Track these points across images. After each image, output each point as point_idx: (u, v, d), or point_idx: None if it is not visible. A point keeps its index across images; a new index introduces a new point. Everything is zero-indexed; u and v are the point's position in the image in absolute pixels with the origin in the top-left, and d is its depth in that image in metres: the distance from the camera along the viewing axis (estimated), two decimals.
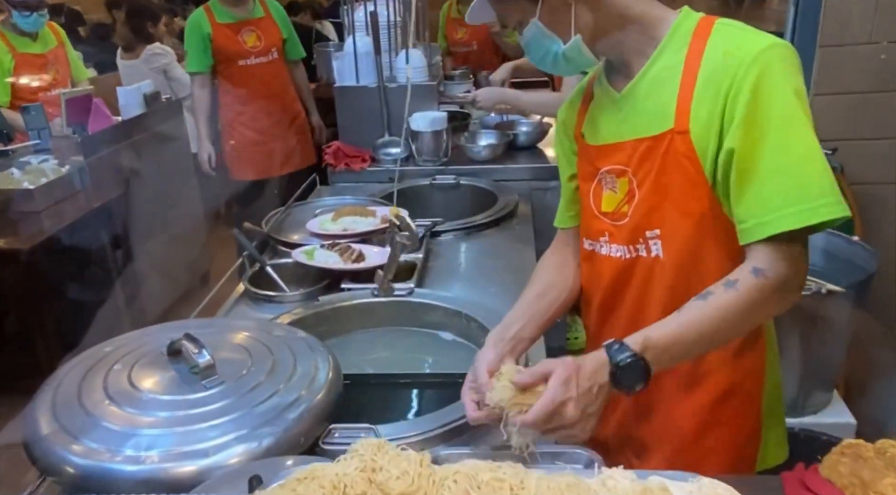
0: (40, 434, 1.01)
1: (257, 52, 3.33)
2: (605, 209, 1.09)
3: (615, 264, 1.09)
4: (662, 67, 1.01)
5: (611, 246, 1.09)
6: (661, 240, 1.03)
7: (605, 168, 1.08)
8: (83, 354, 1.22)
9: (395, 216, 0.87)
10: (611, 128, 1.08)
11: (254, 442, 1.00)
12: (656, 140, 1.00)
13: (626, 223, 1.06)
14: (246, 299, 1.68)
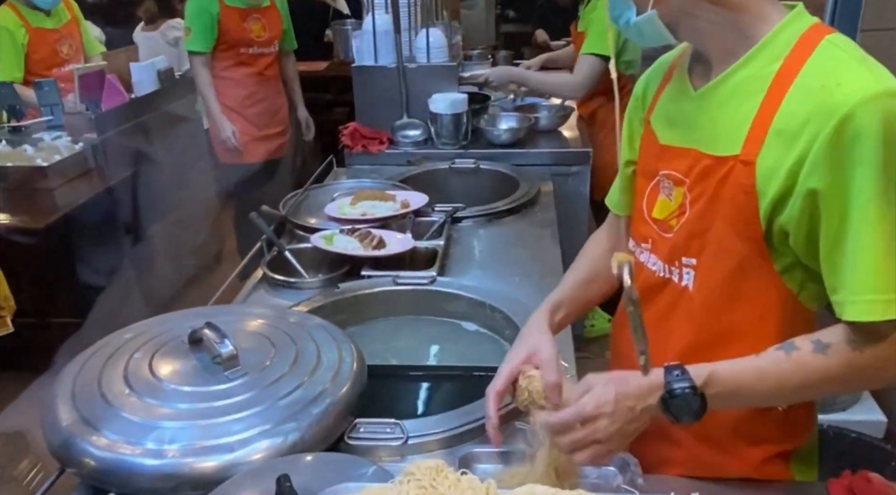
0: (60, 425, 0.99)
1: (261, 42, 3.21)
2: (656, 215, 1.00)
3: (647, 277, 1.02)
4: (749, 76, 0.88)
5: (650, 255, 1.02)
6: (695, 272, 0.95)
7: (664, 171, 0.99)
8: (102, 341, 1.19)
9: (618, 265, 0.79)
10: (679, 128, 0.98)
11: (279, 437, 0.98)
12: (718, 162, 0.89)
13: (670, 238, 0.98)
14: (264, 284, 1.65)
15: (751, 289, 0.91)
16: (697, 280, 0.95)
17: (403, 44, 2.57)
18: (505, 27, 6.83)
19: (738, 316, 0.92)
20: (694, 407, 0.81)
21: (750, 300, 0.92)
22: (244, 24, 3.14)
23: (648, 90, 1.09)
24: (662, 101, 1.04)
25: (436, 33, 2.63)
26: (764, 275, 0.90)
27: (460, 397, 1.23)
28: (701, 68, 0.96)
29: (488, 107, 2.90)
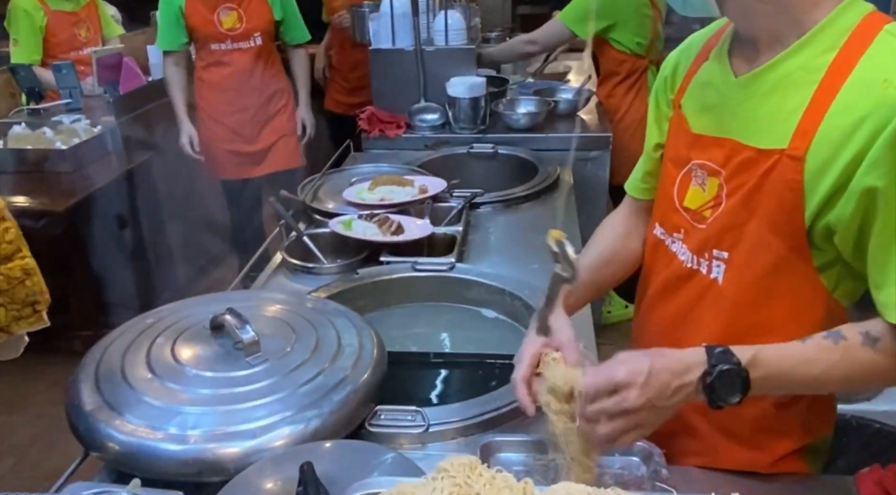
0: (84, 409, 1.00)
1: (235, 36, 2.75)
2: (688, 204, 0.98)
3: (677, 267, 1.00)
4: (799, 66, 0.84)
5: (682, 245, 0.99)
6: (726, 266, 0.92)
7: (697, 160, 0.96)
8: (124, 326, 1.19)
9: (555, 241, 0.77)
10: (715, 116, 0.94)
11: (300, 424, 0.98)
12: (761, 154, 0.86)
13: (703, 229, 0.95)
14: (283, 269, 1.65)
15: (785, 285, 0.89)
16: (728, 273, 0.92)
17: (421, 26, 2.54)
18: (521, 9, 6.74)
19: (771, 311, 0.90)
20: (736, 388, 0.79)
21: (784, 296, 0.89)
22: (212, 17, 2.70)
23: (678, 71, 1.05)
24: (695, 85, 1.00)
25: (454, 15, 2.60)
26: (800, 271, 0.88)
27: (480, 385, 1.22)
28: (744, 53, 0.91)
29: (507, 90, 2.87)
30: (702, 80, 0.98)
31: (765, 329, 0.90)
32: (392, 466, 0.94)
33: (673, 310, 1.01)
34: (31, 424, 2.57)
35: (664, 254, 1.03)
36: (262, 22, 2.79)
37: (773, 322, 0.90)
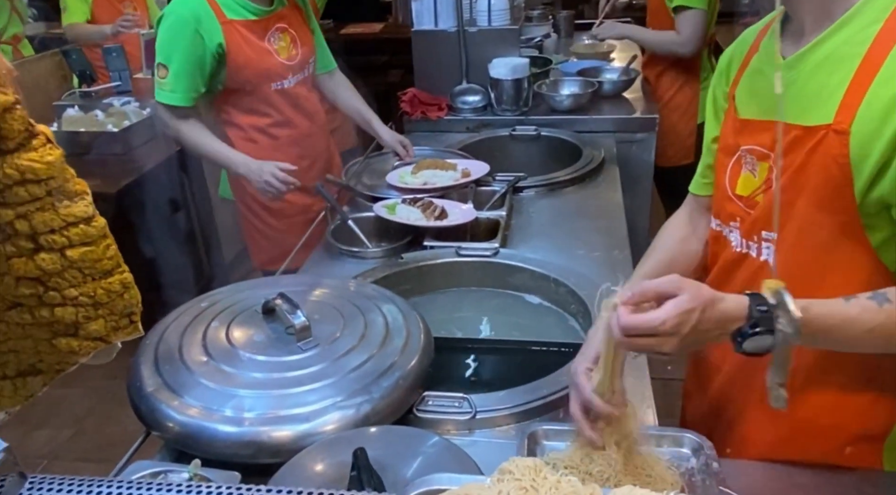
0: (145, 390, 1.04)
1: (295, 66, 1.96)
2: (740, 192, 0.98)
3: (729, 253, 1.00)
4: (844, 41, 0.83)
5: (738, 233, 0.99)
6: (776, 247, 0.91)
7: (746, 146, 0.96)
8: (180, 309, 1.23)
9: (771, 292, 0.77)
10: (763, 100, 0.95)
11: (350, 409, 1.00)
12: (807, 132, 0.86)
13: (755, 213, 0.95)
14: (328, 253, 1.67)
15: (840, 263, 0.88)
16: (779, 254, 0.92)
17: (464, 6, 2.51)
18: None
19: (826, 291, 0.88)
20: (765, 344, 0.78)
21: (838, 275, 0.89)
22: (266, 45, 1.88)
23: (733, 64, 1.05)
24: (747, 74, 1.00)
25: None
26: (855, 249, 0.87)
27: (525, 372, 1.23)
28: (791, 36, 0.92)
29: (550, 71, 2.83)
30: (753, 68, 0.99)
31: None
32: (435, 448, 0.95)
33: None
34: (86, 397, 2.68)
35: (722, 245, 1.03)
36: (308, 39, 2.03)
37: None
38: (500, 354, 1.36)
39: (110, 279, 0.52)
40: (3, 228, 0.51)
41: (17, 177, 0.50)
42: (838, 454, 0.95)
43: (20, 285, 0.51)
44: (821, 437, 0.96)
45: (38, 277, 0.51)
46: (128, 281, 0.54)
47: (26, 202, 0.49)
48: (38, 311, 0.52)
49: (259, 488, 0.68)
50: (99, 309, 0.53)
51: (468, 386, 1.27)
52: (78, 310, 0.52)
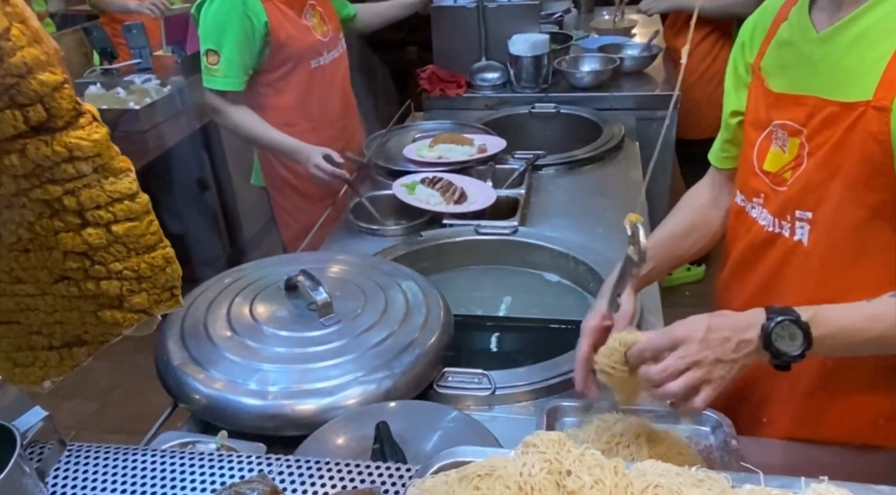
0: (172, 363, 1.06)
1: (329, 42, 1.97)
2: (767, 168, 0.96)
3: (758, 233, 0.98)
4: (883, 15, 0.81)
5: (762, 210, 0.98)
6: (811, 226, 0.90)
7: (778, 121, 0.94)
8: (205, 285, 1.26)
9: (630, 224, 0.78)
10: (796, 74, 0.92)
11: (372, 384, 1.02)
12: (845, 108, 0.84)
13: (783, 191, 0.94)
14: (348, 230, 1.69)
15: (878, 243, 0.87)
16: (814, 234, 0.91)
17: None
18: None
19: (863, 271, 0.88)
20: (797, 339, 0.78)
21: (876, 255, 0.87)
22: (303, 22, 1.91)
23: (756, 35, 1.03)
24: (774, 45, 0.97)
25: None
26: (892, 230, 0.85)
27: (544, 349, 1.24)
28: (825, 8, 0.89)
29: (570, 48, 2.79)
30: (781, 39, 0.96)
31: (857, 289, 0.87)
32: (461, 427, 0.97)
33: (758, 277, 1.00)
34: (112, 371, 2.74)
35: (745, 222, 1.02)
36: (335, 19, 2.05)
37: (866, 282, 0.87)
38: (520, 332, 1.37)
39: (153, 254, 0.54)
40: (52, 204, 0.52)
41: (66, 155, 0.52)
42: (867, 433, 0.95)
43: (67, 259, 0.53)
44: (850, 417, 0.96)
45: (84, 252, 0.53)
46: (170, 255, 0.56)
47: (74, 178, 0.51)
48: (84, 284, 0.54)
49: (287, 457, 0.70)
50: (142, 282, 0.55)
51: (488, 364, 1.28)
52: (122, 283, 0.54)
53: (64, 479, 0.70)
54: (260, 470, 0.74)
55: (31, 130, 0.50)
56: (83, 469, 0.72)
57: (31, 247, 0.52)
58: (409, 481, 0.58)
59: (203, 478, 0.72)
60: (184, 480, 0.71)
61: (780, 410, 1.01)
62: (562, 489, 0.48)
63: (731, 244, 1.08)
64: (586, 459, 0.50)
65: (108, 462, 0.73)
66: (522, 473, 0.50)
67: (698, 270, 2.99)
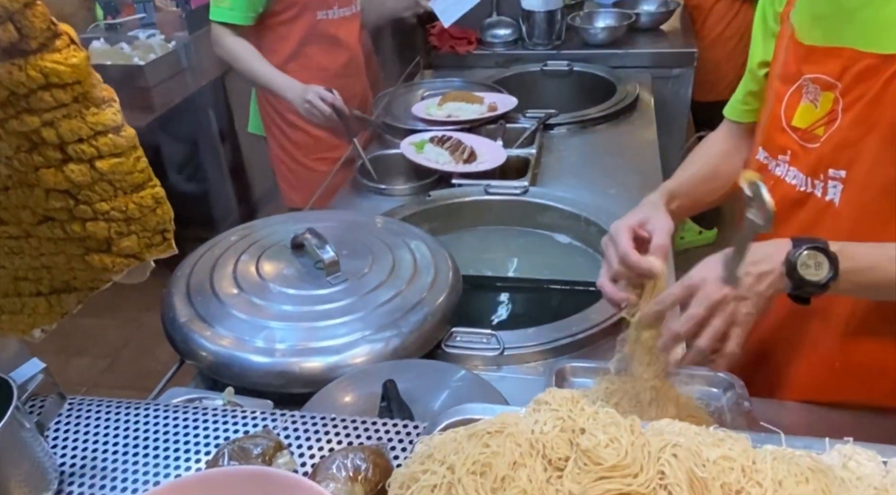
0: (178, 320, 1.05)
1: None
2: (797, 123, 0.92)
3: (786, 192, 0.94)
4: None
5: (789, 168, 0.94)
6: (844, 186, 0.87)
7: (809, 75, 0.90)
8: (211, 242, 1.24)
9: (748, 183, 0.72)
10: (830, 25, 0.88)
11: (379, 343, 1.01)
12: (883, 61, 0.80)
13: (815, 148, 0.89)
14: (355, 189, 1.66)
15: None
16: (846, 194, 0.87)
17: None
18: None
19: (893, 233, 0.84)
20: (823, 271, 0.75)
21: None
22: None
23: None
24: None
25: None
26: None
27: (553, 310, 1.23)
28: None
29: (584, 3, 2.71)
30: None
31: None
32: (469, 386, 0.96)
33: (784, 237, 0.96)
34: (121, 328, 2.77)
35: (767, 181, 0.97)
36: None
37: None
38: (529, 293, 1.36)
39: (142, 193, 0.51)
40: (30, 137, 0.48)
41: (42, 81, 0.48)
42: (888, 396, 0.93)
43: (50, 198, 0.49)
44: (871, 381, 0.94)
45: (67, 190, 0.50)
46: (159, 195, 0.53)
47: (52, 108, 0.47)
48: (69, 226, 0.51)
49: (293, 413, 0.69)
50: (131, 224, 0.52)
51: (498, 325, 1.27)
52: (110, 225, 0.51)
53: (65, 433, 0.70)
54: (265, 425, 0.73)
55: (2, 53, 0.46)
56: (85, 422, 0.71)
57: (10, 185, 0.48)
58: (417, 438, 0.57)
59: (207, 433, 0.72)
60: (187, 435, 0.71)
61: (797, 373, 0.99)
62: (575, 447, 0.47)
63: None
64: (601, 417, 0.48)
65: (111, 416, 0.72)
66: (534, 430, 0.49)
67: (710, 234, 2.96)
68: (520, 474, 0.47)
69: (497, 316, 1.31)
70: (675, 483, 0.45)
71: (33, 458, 0.60)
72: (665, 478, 0.46)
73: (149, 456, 0.68)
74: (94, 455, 0.66)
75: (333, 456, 0.60)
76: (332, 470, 0.57)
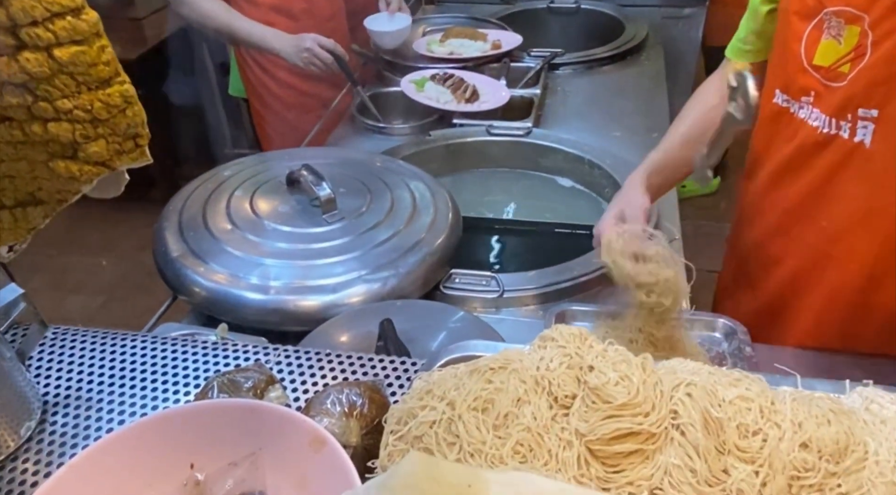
0: (170, 255, 1.03)
1: None
2: (819, 61, 0.86)
3: (808, 134, 0.90)
4: None
5: (812, 110, 0.88)
6: (876, 126, 0.81)
7: (832, 7, 0.83)
8: (203, 176, 1.20)
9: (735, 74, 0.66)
10: None
11: (377, 282, 0.98)
12: None
13: (841, 86, 0.84)
14: (353, 128, 1.61)
15: None
16: (878, 134, 0.82)
17: None
18: None
19: None
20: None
21: None
22: None
23: None
24: None
25: None
26: None
27: (555, 254, 1.20)
28: None
29: None
30: None
31: None
32: (467, 327, 0.94)
33: (805, 183, 0.91)
34: (116, 267, 2.75)
35: (789, 124, 0.93)
36: None
37: None
38: (530, 236, 1.33)
39: (108, 90, 0.47)
40: None
41: None
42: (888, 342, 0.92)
43: (5, 93, 0.44)
44: (888, 329, 0.91)
45: (24, 83, 0.45)
46: (129, 93, 0.49)
47: None
48: (28, 126, 0.47)
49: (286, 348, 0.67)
50: (98, 126, 0.47)
51: (498, 268, 1.25)
52: (74, 126, 0.46)
53: (49, 363, 0.68)
54: (256, 359, 0.71)
55: None
56: (69, 353, 0.69)
57: None
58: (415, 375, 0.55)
59: (196, 367, 0.70)
60: (175, 367, 0.69)
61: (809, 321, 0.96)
62: (583, 385, 0.45)
63: (769, 151, 0.99)
64: (610, 355, 0.46)
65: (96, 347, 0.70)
66: (539, 367, 0.47)
67: (713, 182, 2.92)
68: (524, 411, 0.45)
69: (497, 259, 1.28)
70: (688, 422, 0.43)
71: (14, 387, 0.58)
72: (678, 418, 0.44)
73: (136, 388, 0.66)
74: (80, 385, 0.64)
75: (328, 390, 0.58)
76: (325, 405, 0.56)
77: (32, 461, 0.59)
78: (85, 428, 0.61)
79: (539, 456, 0.43)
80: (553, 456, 0.44)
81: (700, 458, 0.42)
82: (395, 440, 0.49)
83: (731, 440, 0.43)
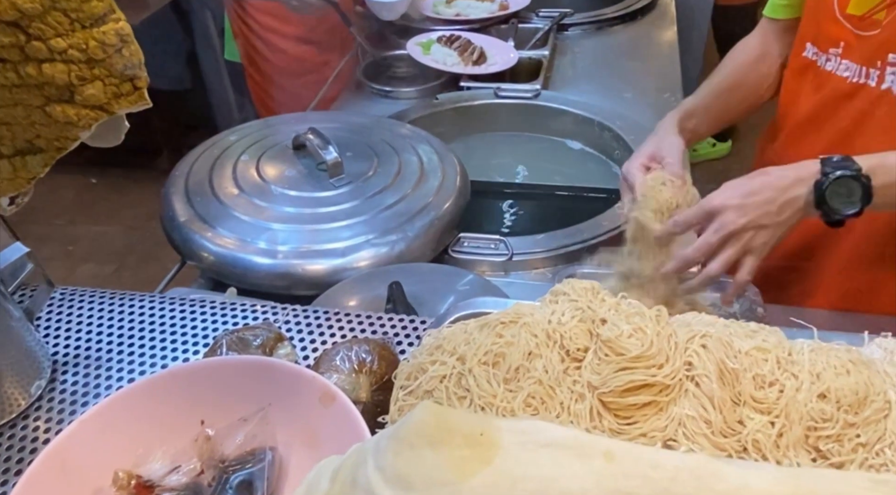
0: (178, 220, 1.02)
1: None
2: (853, 10, 0.84)
3: (836, 85, 0.87)
4: None
5: (841, 61, 0.86)
6: None
7: None
8: (208, 141, 1.19)
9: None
10: None
11: (384, 246, 0.98)
12: None
13: (874, 35, 0.81)
14: (359, 92, 1.59)
15: None
16: None
17: None
18: None
19: None
20: (855, 196, 0.71)
21: None
22: None
23: None
24: None
25: None
26: None
27: (564, 218, 1.19)
28: None
29: None
30: None
31: None
32: (476, 290, 0.94)
33: (829, 135, 0.89)
34: (125, 235, 2.76)
35: (815, 77, 0.91)
36: None
37: None
38: (539, 200, 1.32)
39: (103, 27, 0.45)
40: None
41: None
42: None
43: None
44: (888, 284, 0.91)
45: (16, 22, 0.44)
46: (125, 31, 0.47)
47: None
48: (23, 68, 0.45)
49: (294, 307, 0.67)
50: (94, 67, 0.46)
51: (506, 231, 1.24)
52: (70, 67, 0.45)
53: (57, 322, 0.68)
54: (265, 318, 0.71)
55: None
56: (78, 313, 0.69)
57: None
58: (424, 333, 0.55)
59: (205, 326, 0.70)
60: (184, 326, 0.69)
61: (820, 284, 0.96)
62: (595, 338, 0.44)
63: (792, 105, 0.97)
64: (623, 308, 0.45)
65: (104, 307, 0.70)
66: (551, 321, 0.46)
67: (724, 146, 2.88)
68: (535, 364, 0.45)
69: (506, 222, 1.27)
70: (703, 374, 0.42)
71: (23, 346, 0.58)
72: (693, 370, 0.43)
73: (144, 347, 0.66)
74: (89, 345, 0.64)
75: (337, 347, 0.58)
76: (335, 362, 0.55)
77: (44, 419, 0.59)
78: (95, 386, 0.61)
79: (551, 409, 0.43)
80: (565, 408, 0.43)
81: (715, 409, 0.41)
82: (405, 395, 0.49)
83: (746, 391, 0.43)
